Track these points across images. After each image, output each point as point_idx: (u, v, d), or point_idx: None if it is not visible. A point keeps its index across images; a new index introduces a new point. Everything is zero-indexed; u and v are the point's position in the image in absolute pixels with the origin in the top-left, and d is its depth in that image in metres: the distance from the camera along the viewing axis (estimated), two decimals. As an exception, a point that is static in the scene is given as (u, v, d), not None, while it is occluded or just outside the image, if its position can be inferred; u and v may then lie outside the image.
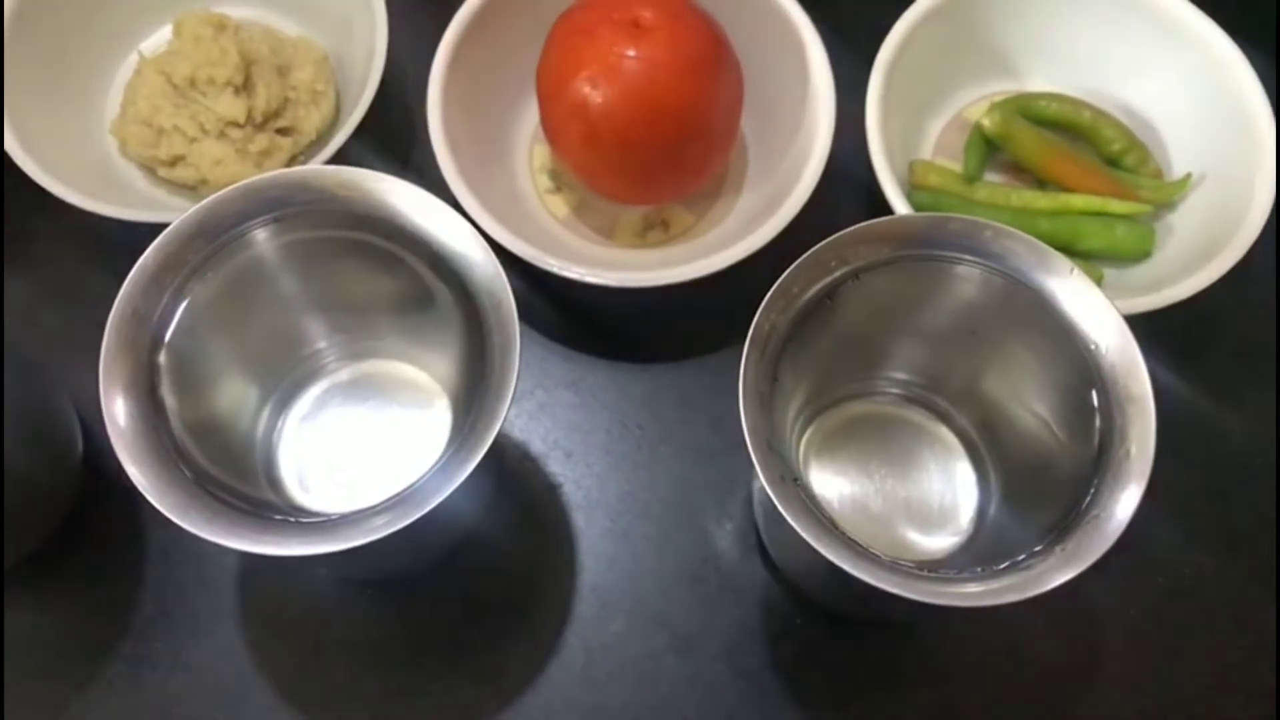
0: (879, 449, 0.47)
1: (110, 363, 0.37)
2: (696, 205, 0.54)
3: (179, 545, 0.49)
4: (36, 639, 0.48)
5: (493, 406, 0.37)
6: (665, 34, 0.47)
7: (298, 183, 0.38)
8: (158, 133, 0.52)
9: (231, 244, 0.38)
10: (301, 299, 0.43)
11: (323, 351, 0.46)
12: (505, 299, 0.38)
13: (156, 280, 0.38)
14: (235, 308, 0.40)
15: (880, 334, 0.43)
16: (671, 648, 0.48)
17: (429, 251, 0.38)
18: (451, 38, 0.51)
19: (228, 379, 0.42)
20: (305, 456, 0.47)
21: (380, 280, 0.41)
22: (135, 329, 0.38)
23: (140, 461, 0.36)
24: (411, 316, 0.43)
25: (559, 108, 0.49)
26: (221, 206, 0.38)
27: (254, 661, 0.48)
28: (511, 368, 0.37)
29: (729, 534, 0.50)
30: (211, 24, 0.53)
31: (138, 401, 0.37)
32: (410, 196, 0.38)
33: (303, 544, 0.35)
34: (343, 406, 0.47)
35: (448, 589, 0.49)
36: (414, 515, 0.36)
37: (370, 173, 0.38)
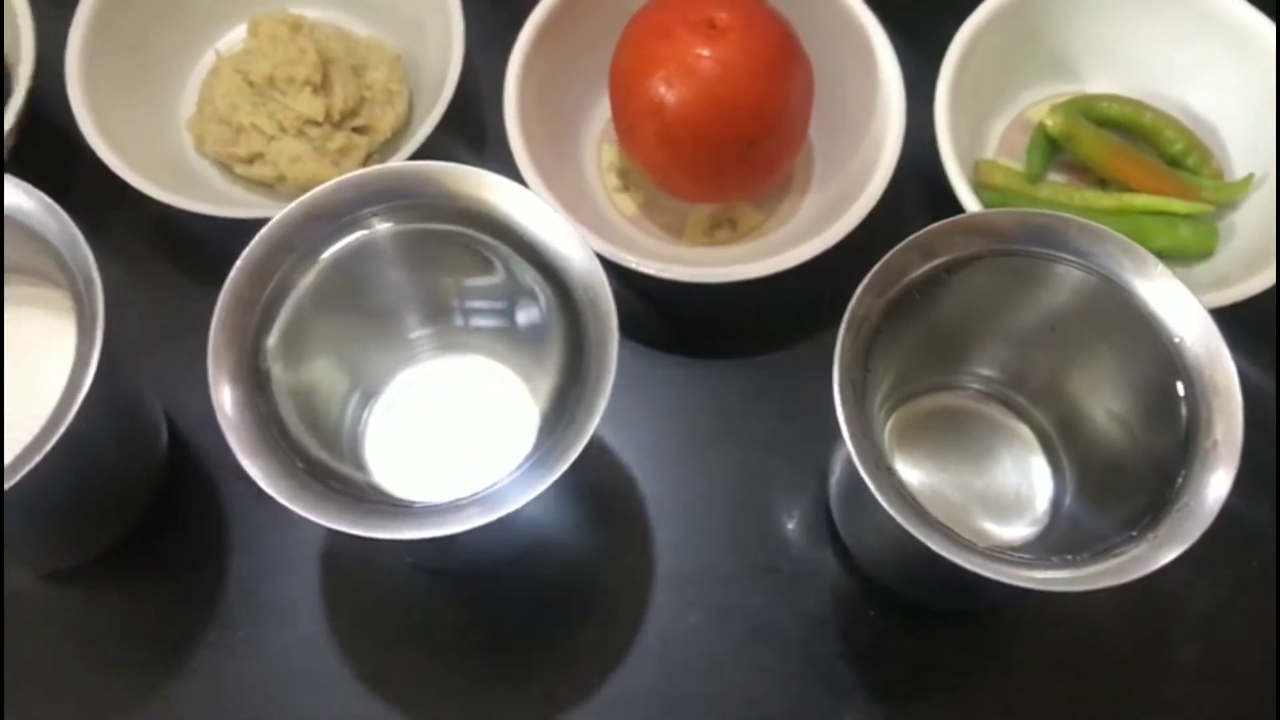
0: (954, 442, 0.47)
1: (218, 351, 0.38)
2: (764, 204, 0.55)
3: (261, 535, 0.50)
4: (121, 628, 0.49)
5: (590, 401, 0.38)
6: (741, 34, 0.48)
7: (407, 176, 0.39)
8: (236, 130, 0.53)
9: (337, 234, 0.39)
10: (400, 290, 0.43)
11: (415, 341, 0.47)
12: (602, 293, 0.39)
13: (263, 268, 0.39)
14: (336, 296, 0.41)
15: (966, 328, 0.44)
16: (746, 638, 0.49)
17: (529, 248, 0.39)
18: (526, 38, 0.52)
19: (324, 366, 0.43)
20: (389, 444, 0.47)
21: (478, 274, 0.42)
22: (241, 316, 0.38)
23: (251, 450, 0.37)
24: (506, 311, 0.44)
25: (633, 107, 0.50)
26: (330, 197, 0.39)
27: (336, 650, 0.48)
28: (609, 363, 0.38)
29: (800, 524, 0.50)
30: (287, 24, 0.54)
31: (244, 389, 0.38)
32: (514, 194, 0.39)
33: (412, 529, 0.36)
34: (428, 397, 0.48)
35: (526, 579, 0.50)
36: (513, 506, 0.37)
37: (476, 170, 0.39)
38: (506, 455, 0.46)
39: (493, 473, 0.42)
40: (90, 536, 0.47)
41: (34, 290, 0.45)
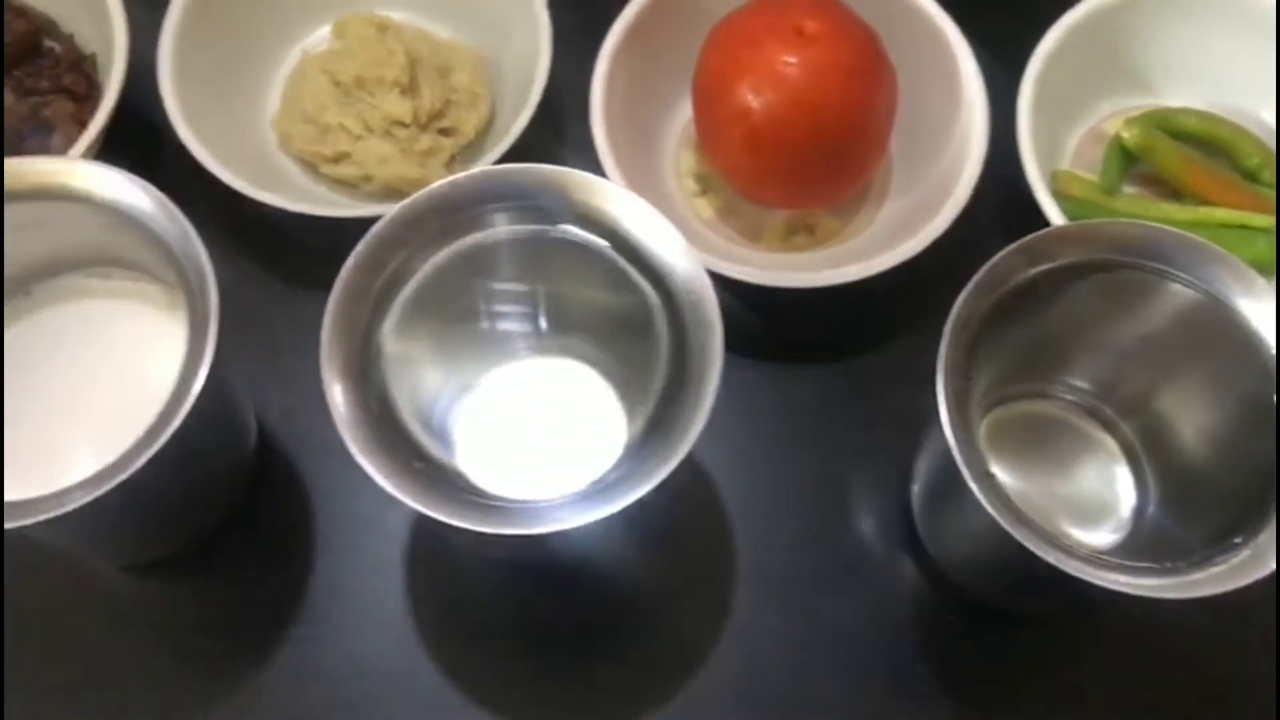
0: (1038, 448, 0.48)
1: (330, 346, 0.39)
2: (842, 211, 0.55)
3: (346, 532, 0.50)
4: (206, 621, 0.49)
5: (693, 404, 0.38)
6: (829, 42, 0.49)
7: (524, 178, 0.39)
8: (323, 130, 0.54)
9: (452, 230, 0.40)
10: (506, 288, 0.44)
11: (512, 340, 0.47)
12: (706, 296, 0.39)
13: (377, 259, 0.39)
14: (444, 291, 0.41)
15: (1061, 337, 0.44)
16: (825, 640, 0.49)
17: (636, 252, 0.40)
18: (613, 43, 0.53)
19: (424, 360, 0.44)
20: (476, 440, 0.48)
21: (584, 278, 0.42)
22: (353, 308, 0.39)
23: (366, 447, 0.37)
24: (609, 316, 0.44)
25: (719, 112, 0.50)
26: (449, 193, 0.39)
27: (418, 646, 0.49)
28: (712, 368, 0.38)
29: (877, 529, 0.51)
30: (375, 25, 0.55)
31: (354, 384, 0.39)
32: (623, 200, 0.39)
33: (533, 525, 0.36)
34: (517, 395, 0.48)
35: (606, 576, 0.50)
36: (624, 503, 0.37)
37: (590, 175, 0.40)
38: (591, 458, 0.46)
39: (584, 472, 0.43)
40: (180, 530, 0.48)
41: (129, 284, 0.46)
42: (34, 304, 0.45)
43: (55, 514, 0.37)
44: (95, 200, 0.40)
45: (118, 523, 0.43)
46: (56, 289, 0.46)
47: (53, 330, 0.45)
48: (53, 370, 0.45)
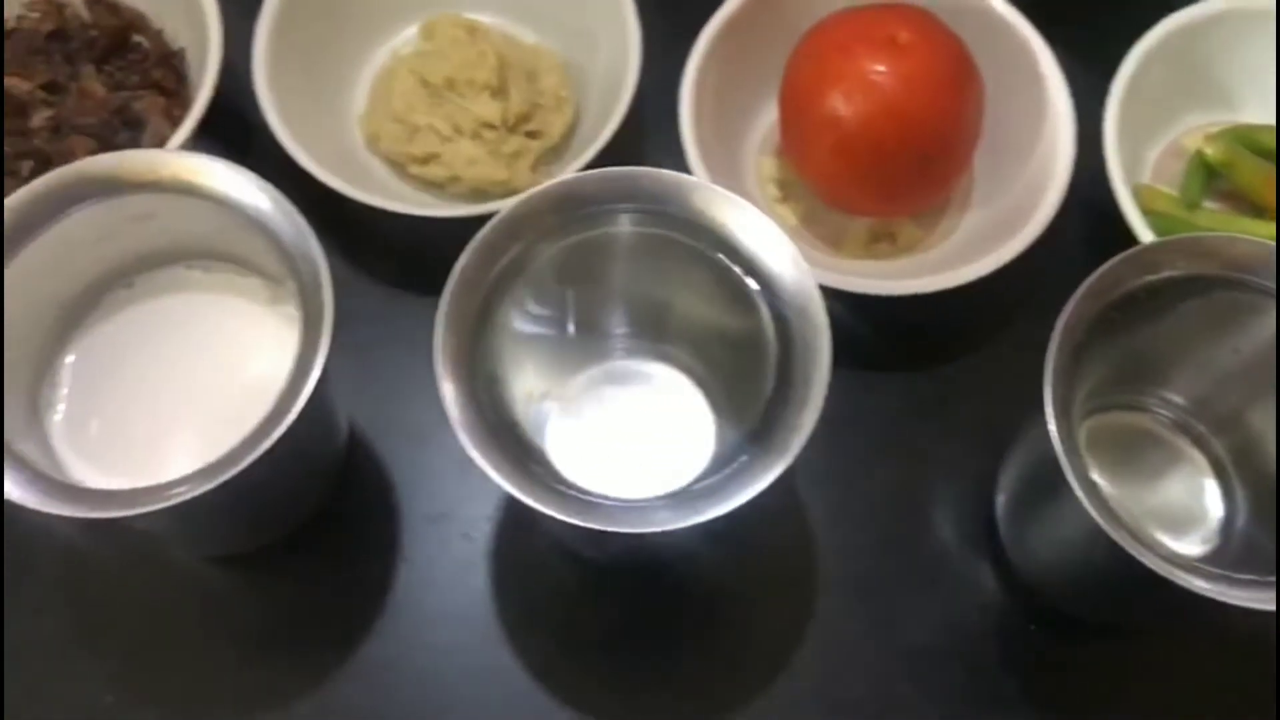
0: (1128, 459, 0.48)
1: (443, 339, 0.39)
2: (923, 220, 0.56)
3: (431, 526, 0.51)
4: (293, 615, 0.50)
5: (798, 410, 0.39)
6: (922, 52, 0.49)
7: (643, 181, 0.40)
8: (412, 130, 0.54)
9: (568, 227, 0.40)
10: (611, 288, 0.44)
11: (610, 341, 0.48)
12: (814, 305, 0.40)
13: (490, 256, 0.40)
14: (549, 288, 0.42)
15: (1160, 349, 0.44)
16: (906, 648, 0.49)
17: (747, 260, 0.40)
18: (702, 50, 0.53)
19: (523, 354, 0.44)
20: (563, 436, 0.48)
21: (689, 281, 0.43)
22: (465, 300, 0.39)
23: (481, 445, 0.38)
24: (709, 322, 0.45)
25: (809, 119, 0.51)
26: (570, 190, 0.40)
27: (502, 643, 0.49)
28: (820, 374, 0.39)
29: (959, 538, 0.51)
30: (465, 28, 0.55)
31: (464, 380, 0.39)
32: (737, 208, 0.40)
33: (642, 525, 0.37)
34: (608, 395, 0.48)
35: (689, 578, 0.50)
36: (729, 506, 0.37)
37: (705, 183, 0.40)
38: (676, 461, 0.47)
39: (671, 475, 0.43)
40: (273, 525, 0.48)
41: (231, 277, 0.46)
42: (135, 295, 0.46)
43: (165, 505, 0.37)
44: (213, 195, 0.41)
45: (217, 516, 0.43)
46: (158, 281, 0.46)
47: (154, 321, 0.46)
48: (153, 361, 0.45)
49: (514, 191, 0.54)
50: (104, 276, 0.45)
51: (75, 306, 0.45)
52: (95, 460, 0.44)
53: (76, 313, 0.45)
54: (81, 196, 0.40)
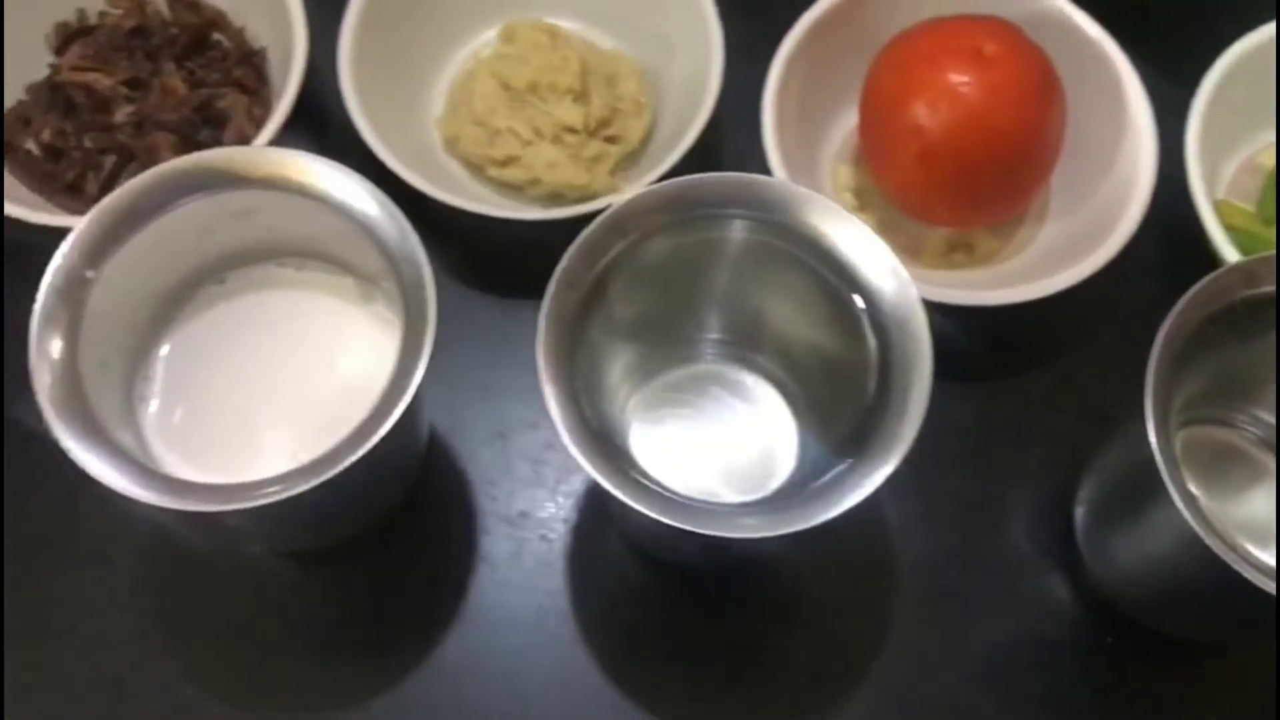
0: (1213, 474, 0.48)
1: (545, 343, 0.39)
2: (1000, 231, 0.56)
3: (507, 528, 0.51)
4: (374, 614, 0.50)
5: (896, 421, 0.39)
6: (1008, 64, 0.50)
7: (750, 187, 0.40)
8: (492, 133, 0.54)
9: (672, 228, 0.40)
10: (712, 293, 0.45)
11: (699, 345, 0.48)
12: (914, 318, 0.40)
13: (592, 255, 0.40)
14: (646, 289, 0.42)
15: (1255, 365, 0.44)
16: (983, 659, 0.49)
17: (849, 273, 0.40)
18: (783, 60, 0.53)
19: (614, 354, 0.44)
20: (646, 437, 0.48)
21: (786, 289, 0.43)
22: (565, 300, 0.39)
23: (584, 446, 0.38)
24: (803, 332, 0.45)
25: (893, 128, 0.51)
26: (676, 192, 0.40)
27: (578, 646, 0.49)
28: (921, 386, 0.39)
29: (1037, 549, 0.51)
30: (546, 32, 0.55)
31: (564, 381, 0.39)
32: (841, 220, 0.40)
33: (742, 529, 0.37)
34: (691, 399, 0.49)
35: (766, 584, 0.50)
36: (828, 515, 0.38)
37: (811, 193, 0.40)
38: (757, 469, 0.47)
39: (752, 482, 0.43)
40: (356, 523, 0.49)
41: (323, 276, 0.47)
42: (227, 291, 0.46)
43: (265, 502, 0.37)
44: (322, 196, 0.41)
45: (306, 514, 0.44)
46: (251, 278, 0.46)
47: (245, 318, 0.46)
48: (244, 357, 0.45)
49: (593, 195, 0.54)
50: (198, 272, 0.45)
51: (169, 301, 0.45)
52: (185, 453, 0.44)
53: (170, 307, 0.45)
54: (191, 189, 0.41)
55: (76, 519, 0.50)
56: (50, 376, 0.39)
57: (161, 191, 0.41)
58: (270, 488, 0.38)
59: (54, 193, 0.55)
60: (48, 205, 0.55)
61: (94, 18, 0.59)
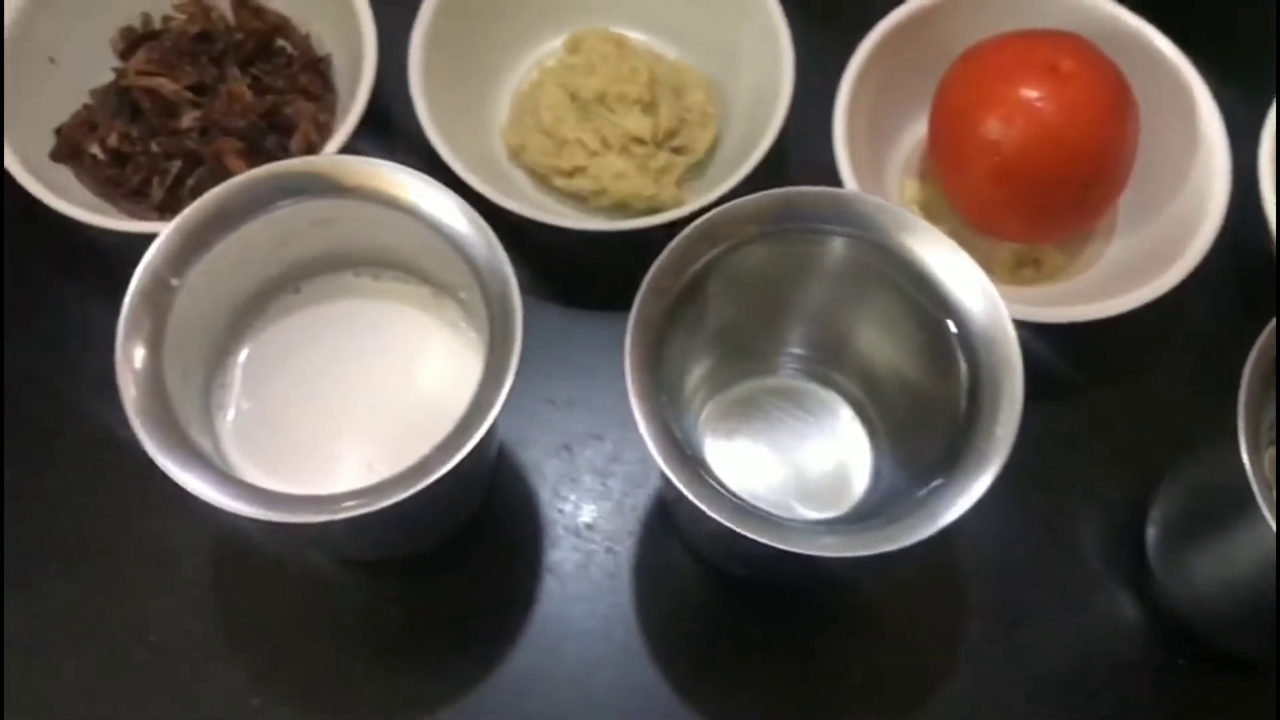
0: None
1: (632, 353, 0.39)
2: (1067, 247, 0.55)
3: (577, 542, 0.51)
4: (440, 624, 0.49)
5: (984, 442, 0.38)
6: (1084, 79, 0.49)
7: (843, 201, 0.40)
8: (559, 143, 0.54)
9: (762, 238, 0.40)
10: (797, 308, 0.44)
11: (781, 359, 0.47)
12: (1007, 343, 0.39)
13: (679, 266, 0.39)
14: (729, 299, 0.42)
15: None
16: (1053, 677, 0.49)
17: (941, 295, 0.40)
18: (853, 73, 0.53)
19: (696, 363, 0.44)
20: (719, 447, 0.48)
21: (879, 311, 0.43)
22: (654, 304, 0.39)
23: (671, 459, 0.37)
24: (889, 355, 0.44)
25: (966, 143, 0.51)
26: (765, 203, 0.40)
27: (645, 658, 0.49)
28: (1012, 404, 0.38)
29: (1107, 567, 0.51)
30: (614, 42, 0.55)
31: (650, 394, 0.39)
32: (932, 238, 0.40)
33: (838, 548, 0.37)
34: (764, 411, 0.48)
35: (832, 598, 0.50)
36: (925, 532, 0.37)
37: (908, 212, 0.40)
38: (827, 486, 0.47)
39: (831, 499, 0.43)
40: (429, 535, 0.48)
41: (398, 285, 0.46)
42: (302, 301, 0.46)
43: (354, 514, 0.37)
44: (411, 209, 0.41)
45: (381, 526, 0.43)
46: (326, 287, 0.46)
47: (322, 327, 0.46)
48: (321, 366, 0.45)
49: (659, 206, 0.54)
50: (275, 280, 0.45)
51: (246, 309, 0.45)
52: (261, 460, 0.44)
53: (247, 316, 0.45)
54: (279, 196, 0.41)
55: (142, 525, 0.50)
56: (135, 386, 0.38)
57: (248, 198, 0.41)
58: (353, 500, 0.37)
59: (118, 197, 0.55)
60: (112, 209, 0.55)
61: (158, 23, 0.58)
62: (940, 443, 0.40)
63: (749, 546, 0.37)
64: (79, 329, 0.54)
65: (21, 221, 0.55)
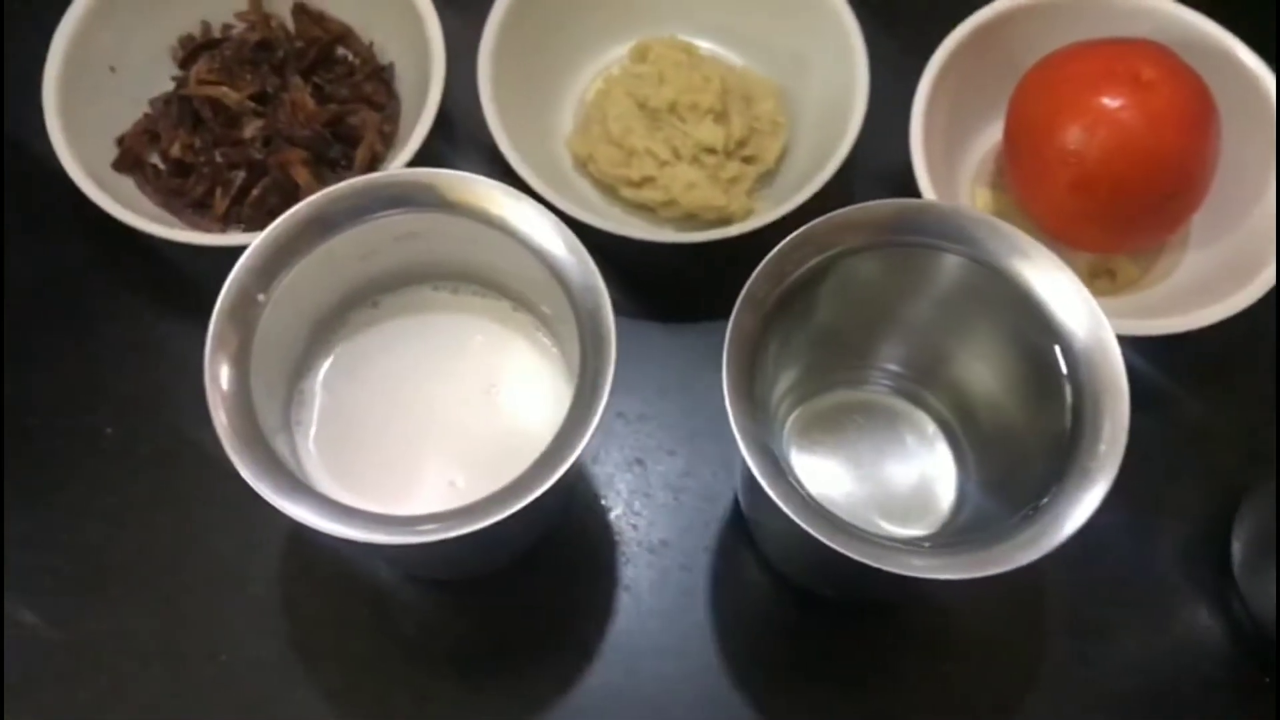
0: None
1: (730, 366, 0.38)
2: (1140, 258, 0.55)
3: (652, 558, 0.50)
4: (516, 641, 0.49)
5: (1089, 456, 0.38)
6: (1168, 89, 0.49)
7: (947, 216, 0.39)
8: (628, 154, 0.53)
9: (857, 251, 0.40)
10: (896, 322, 0.44)
11: (871, 373, 0.47)
12: (1107, 357, 0.39)
13: (775, 276, 0.39)
14: (832, 310, 0.41)
15: None
16: (1139, 695, 0.49)
17: (1046, 317, 0.39)
18: (928, 82, 0.53)
19: (784, 373, 0.44)
20: (803, 457, 0.47)
21: (980, 330, 0.42)
22: (749, 315, 0.38)
23: (769, 475, 0.37)
24: (985, 375, 0.44)
25: (1045, 154, 0.50)
26: (867, 214, 0.40)
27: (726, 676, 0.48)
28: (1119, 432, 0.38)
29: (1190, 583, 0.50)
30: (682, 50, 0.55)
31: (746, 407, 0.38)
32: (1043, 258, 0.40)
33: (950, 569, 0.36)
34: (849, 424, 0.48)
35: (915, 615, 0.50)
36: (1042, 550, 0.37)
37: (1017, 231, 0.39)
38: (909, 504, 0.46)
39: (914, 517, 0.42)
40: (505, 555, 0.48)
41: (476, 299, 0.46)
42: (381, 315, 0.45)
43: (447, 536, 0.36)
44: (500, 222, 0.40)
45: (464, 547, 0.42)
46: (404, 301, 0.45)
47: (400, 342, 0.45)
48: (399, 382, 0.44)
49: (730, 217, 0.53)
50: (353, 295, 0.45)
51: (324, 324, 0.45)
52: (342, 478, 0.43)
53: (325, 331, 0.45)
54: (378, 207, 0.40)
55: (209, 544, 0.50)
56: (224, 408, 0.38)
57: (345, 208, 0.40)
58: (440, 523, 0.37)
59: (181, 208, 0.54)
60: (175, 220, 0.54)
61: (217, 31, 0.58)
62: (1040, 464, 0.40)
63: (845, 566, 0.37)
64: (144, 343, 0.53)
65: (81, 228, 0.54)
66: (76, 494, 0.50)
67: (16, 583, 0.49)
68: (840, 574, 0.43)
